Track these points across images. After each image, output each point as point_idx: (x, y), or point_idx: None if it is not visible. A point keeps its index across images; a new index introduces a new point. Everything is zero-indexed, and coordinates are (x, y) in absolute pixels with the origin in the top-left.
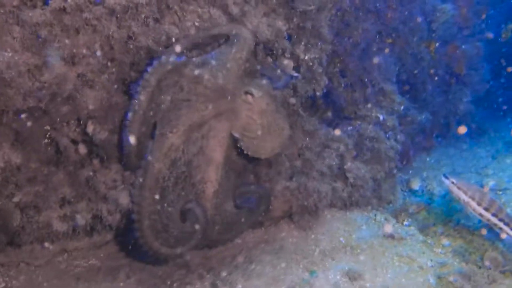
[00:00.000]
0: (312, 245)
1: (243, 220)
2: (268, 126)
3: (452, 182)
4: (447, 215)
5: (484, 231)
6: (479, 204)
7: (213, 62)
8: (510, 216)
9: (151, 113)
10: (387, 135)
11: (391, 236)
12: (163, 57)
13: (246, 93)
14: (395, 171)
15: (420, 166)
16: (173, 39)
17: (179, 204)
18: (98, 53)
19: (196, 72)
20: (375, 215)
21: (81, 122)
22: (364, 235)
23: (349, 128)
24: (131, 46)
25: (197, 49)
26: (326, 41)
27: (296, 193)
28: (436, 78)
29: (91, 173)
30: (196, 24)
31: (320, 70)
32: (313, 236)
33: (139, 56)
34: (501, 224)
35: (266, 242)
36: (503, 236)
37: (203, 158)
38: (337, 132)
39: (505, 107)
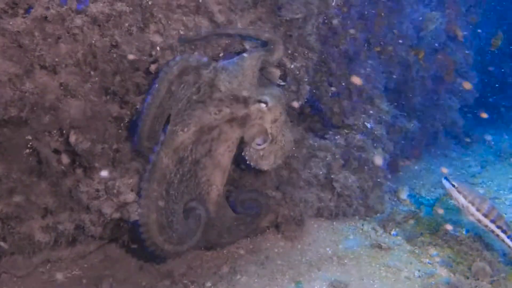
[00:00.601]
0: (298, 255)
1: (242, 226)
2: (276, 136)
3: (453, 185)
4: (435, 224)
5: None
6: (478, 209)
7: (230, 68)
8: (508, 223)
9: (168, 103)
10: (375, 144)
11: (378, 246)
12: (189, 54)
13: (260, 101)
14: (382, 180)
15: (408, 175)
16: (157, 48)
17: (182, 201)
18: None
19: (214, 75)
20: (363, 224)
21: (64, 131)
22: (351, 245)
23: (337, 137)
24: (114, 55)
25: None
26: (313, 50)
27: (282, 203)
28: (425, 87)
29: (74, 183)
30: (181, 32)
31: (306, 79)
32: (299, 246)
33: (123, 65)
34: (498, 231)
35: (252, 252)
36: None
37: (211, 161)
38: (325, 141)
39: (495, 115)
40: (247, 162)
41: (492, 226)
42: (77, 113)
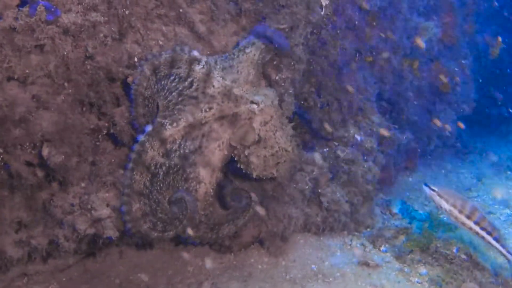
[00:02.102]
0: (282, 272)
1: (229, 222)
2: (267, 140)
3: (433, 190)
4: (426, 241)
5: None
6: (461, 212)
7: (225, 63)
8: (492, 224)
9: (155, 89)
10: (365, 157)
11: (366, 264)
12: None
13: (252, 102)
14: (373, 194)
15: (403, 187)
16: (135, 58)
17: (168, 193)
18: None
19: (207, 70)
20: (351, 240)
21: (37, 144)
22: (338, 262)
23: (325, 149)
24: (88, 67)
25: None
26: (300, 61)
27: (265, 218)
28: (419, 97)
29: (49, 197)
30: (160, 42)
31: (291, 91)
32: (283, 262)
33: (98, 77)
34: (483, 233)
35: (234, 268)
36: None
37: (200, 158)
38: (311, 154)
39: (492, 126)
40: (237, 165)
41: (476, 228)
42: (50, 126)
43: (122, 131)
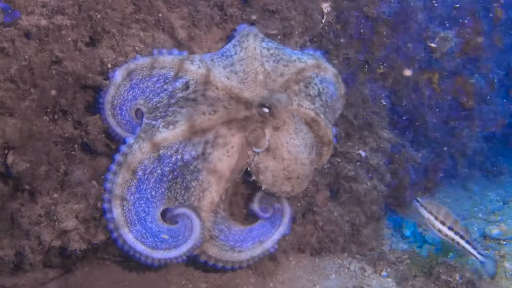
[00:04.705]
0: None
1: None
2: (277, 150)
3: (417, 201)
4: (430, 265)
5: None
6: (443, 223)
7: (227, 61)
8: (465, 229)
9: (129, 95)
10: (369, 175)
11: None
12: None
13: (263, 105)
14: (379, 214)
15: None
16: (109, 65)
17: (162, 203)
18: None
19: (207, 70)
20: (350, 263)
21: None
22: (330, 286)
23: (327, 165)
24: (54, 72)
25: None
26: None
27: None
28: (439, 113)
29: (18, 207)
30: (137, 48)
31: None
32: (271, 284)
33: (66, 82)
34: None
35: None
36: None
37: (204, 165)
38: None
39: None
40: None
41: (450, 233)
42: (13, 133)
43: (95, 140)
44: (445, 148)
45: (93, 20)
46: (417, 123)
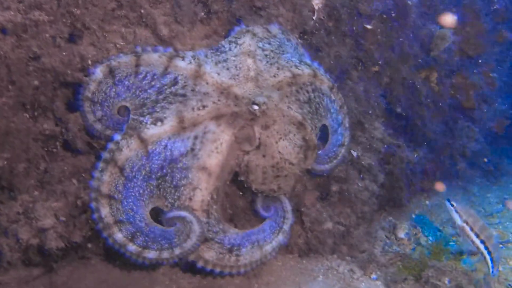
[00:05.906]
0: None
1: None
2: (267, 148)
3: (452, 205)
4: (419, 269)
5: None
6: (477, 235)
7: (220, 57)
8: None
9: (112, 92)
10: (361, 176)
11: None
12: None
13: (253, 102)
14: (371, 215)
15: (419, 210)
16: (89, 61)
17: (151, 201)
18: None
19: (197, 66)
20: (339, 265)
21: None
22: None
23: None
24: (31, 68)
25: None
26: None
27: None
28: (438, 113)
29: None
30: (118, 46)
31: None
32: (256, 285)
33: (45, 79)
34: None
35: None
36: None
37: (193, 161)
38: None
39: None
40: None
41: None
42: None
43: (75, 137)
44: (443, 149)
45: (73, 16)
46: (414, 123)
